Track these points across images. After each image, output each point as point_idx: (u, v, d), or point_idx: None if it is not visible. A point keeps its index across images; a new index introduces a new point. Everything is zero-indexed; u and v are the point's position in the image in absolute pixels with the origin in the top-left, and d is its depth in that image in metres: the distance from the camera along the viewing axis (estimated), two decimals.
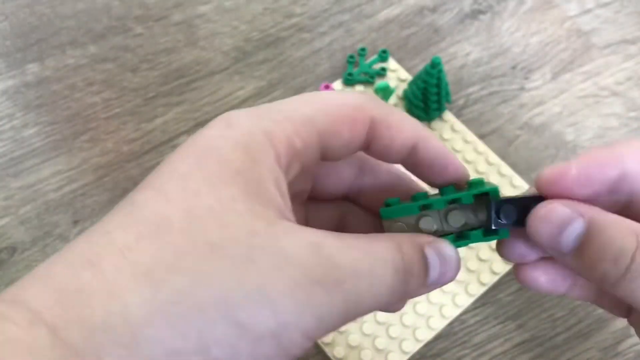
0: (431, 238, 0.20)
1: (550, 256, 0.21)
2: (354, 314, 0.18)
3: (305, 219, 0.24)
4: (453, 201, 0.21)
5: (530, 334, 0.39)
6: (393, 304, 0.22)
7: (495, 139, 0.46)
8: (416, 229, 0.21)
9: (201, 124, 0.46)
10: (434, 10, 0.52)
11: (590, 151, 0.20)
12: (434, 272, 0.20)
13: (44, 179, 0.44)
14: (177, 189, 0.17)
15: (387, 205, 0.21)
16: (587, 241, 0.19)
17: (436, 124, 0.46)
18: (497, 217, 0.20)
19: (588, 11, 0.53)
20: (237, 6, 0.52)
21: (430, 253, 0.19)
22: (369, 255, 0.18)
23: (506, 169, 0.44)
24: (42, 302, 0.16)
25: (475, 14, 0.52)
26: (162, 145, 0.45)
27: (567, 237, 0.19)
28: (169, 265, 0.16)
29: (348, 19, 0.52)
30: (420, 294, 0.20)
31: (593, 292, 0.23)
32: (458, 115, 0.47)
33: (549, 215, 0.19)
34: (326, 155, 0.21)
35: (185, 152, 0.19)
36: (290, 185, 0.20)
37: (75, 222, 0.42)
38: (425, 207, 0.21)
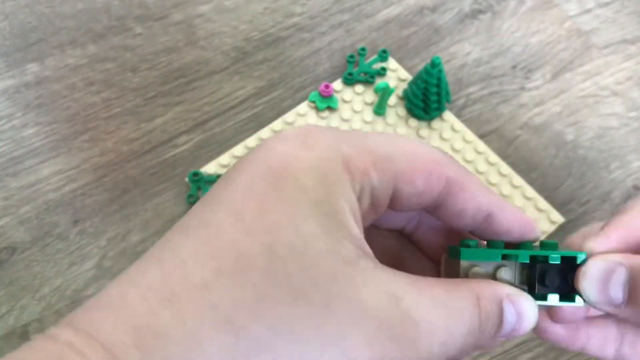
0: (512, 290, 0.19)
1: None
2: None
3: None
4: (536, 258, 0.20)
5: (530, 334, 0.39)
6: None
7: (495, 139, 0.46)
8: (492, 278, 0.20)
9: (201, 123, 0.46)
10: (434, 10, 0.52)
11: (620, 220, 0.20)
12: (507, 327, 0.19)
13: (44, 178, 0.44)
14: (256, 215, 0.16)
15: (465, 245, 0.20)
16: (634, 287, 0.19)
17: (436, 123, 0.46)
18: (542, 282, 0.19)
19: (588, 11, 0.53)
20: (237, 6, 0.52)
21: (508, 308, 0.19)
22: (447, 311, 0.18)
23: (506, 168, 0.44)
24: (118, 341, 0.15)
25: (475, 13, 0.52)
26: (162, 145, 0.45)
27: (615, 288, 0.19)
28: (250, 311, 0.15)
29: (348, 18, 0.52)
30: (483, 346, 0.19)
31: None
32: (458, 115, 0.47)
33: (591, 272, 0.19)
34: (394, 204, 0.20)
35: (258, 169, 0.17)
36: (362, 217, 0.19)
37: (75, 222, 0.42)
38: (506, 257, 0.20)
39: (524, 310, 0.19)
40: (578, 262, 0.19)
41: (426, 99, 0.44)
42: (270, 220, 0.16)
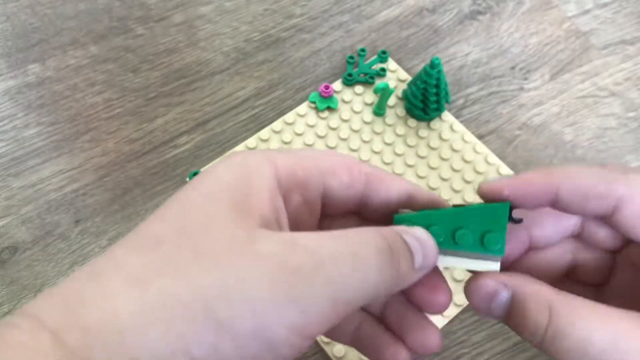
0: (405, 227, 0.21)
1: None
2: (344, 301, 0.18)
3: None
4: (459, 214, 0.21)
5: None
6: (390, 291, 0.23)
7: (494, 139, 0.46)
8: None
9: (202, 124, 0.46)
10: (433, 11, 0.53)
11: (526, 176, 0.21)
12: (417, 254, 0.20)
13: (45, 178, 0.44)
14: (174, 210, 0.20)
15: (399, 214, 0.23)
16: (511, 311, 0.20)
17: (435, 124, 0.46)
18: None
19: (587, 12, 0.53)
20: (237, 7, 0.53)
21: (409, 238, 0.20)
22: (347, 239, 0.19)
23: (505, 169, 0.44)
24: (47, 311, 0.17)
25: (474, 14, 0.52)
26: (163, 145, 0.46)
27: (497, 307, 0.21)
28: (156, 270, 0.18)
29: (348, 19, 0.52)
30: (414, 280, 0.21)
31: None
32: (457, 115, 0.47)
33: (479, 290, 0.21)
34: (329, 198, 0.23)
35: (191, 184, 0.21)
36: (294, 210, 0.21)
37: (77, 222, 0.42)
38: (433, 219, 0.22)
39: (420, 236, 0.21)
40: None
41: (425, 100, 0.45)
42: (184, 210, 0.19)
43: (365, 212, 0.25)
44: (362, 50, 0.49)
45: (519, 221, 0.21)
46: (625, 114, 0.48)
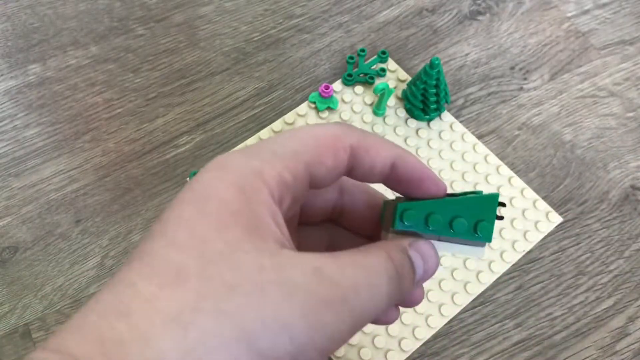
0: (411, 239, 0.22)
1: None
2: (360, 325, 0.20)
3: (298, 244, 0.26)
4: (455, 204, 0.23)
5: (529, 333, 0.39)
6: (389, 312, 0.25)
7: (494, 139, 0.46)
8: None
9: (202, 124, 0.46)
10: (433, 11, 0.53)
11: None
12: (419, 270, 0.22)
13: (46, 178, 0.44)
14: (186, 236, 0.19)
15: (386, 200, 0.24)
16: None
17: (435, 124, 0.46)
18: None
19: (586, 12, 0.53)
20: (237, 7, 0.53)
21: (413, 254, 0.22)
22: (365, 269, 0.20)
23: (505, 169, 0.45)
24: (84, 352, 0.17)
25: (474, 15, 0.53)
26: (163, 146, 0.46)
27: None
28: (192, 308, 0.17)
29: (348, 20, 0.52)
30: (410, 293, 0.22)
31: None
32: (457, 115, 0.47)
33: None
34: (314, 184, 0.23)
35: (187, 197, 0.20)
36: (284, 214, 0.22)
37: (77, 222, 0.43)
38: (433, 207, 0.23)
39: (424, 251, 0.22)
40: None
41: (425, 100, 0.45)
42: (199, 236, 0.19)
43: (347, 193, 0.26)
44: (362, 50, 0.49)
45: (501, 218, 0.23)
46: (625, 114, 0.48)
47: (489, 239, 0.23)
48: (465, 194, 0.23)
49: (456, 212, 0.23)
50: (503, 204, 0.24)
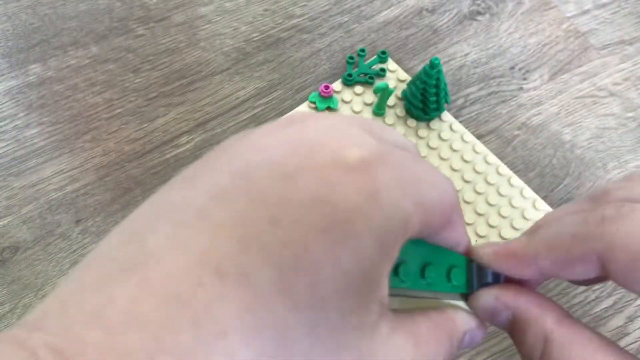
0: (471, 319, 0.21)
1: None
2: None
3: None
4: (427, 251, 0.20)
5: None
6: None
7: (494, 139, 0.46)
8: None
9: (202, 124, 0.47)
10: (432, 11, 0.53)
11: (501, 249, 0.21)
12: (464, 346, 0.21)
13: (46, 178, 0.44)
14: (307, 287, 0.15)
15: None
16: (513, 329, 0.21)
17: (435, 124, 0.46)
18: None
19: (586, 12, 0.53)
20: (237, 7, 0.53)
21: (466, 336, 0.21)
22: (436, 351, 0.19)
23: (504, 169, 0.45)
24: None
25: (473, 15, 0.53)
26: (164, 145, 0.46)
27: (499, 322, 0.21)
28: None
29: (348, 20, 0.52)
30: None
31: None
32: (457, 115, 0.47)
33: (480, 307, 0.21)
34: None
35: (322, 210, 0.15)
36: None
37: (78, 222, 0.43)
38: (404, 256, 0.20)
39: (477, 337, 0.21)
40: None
41: (425, 100, 0.45)
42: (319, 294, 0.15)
43: None
44: (362, 50, 0.49)
45: (493, 281, 0.21)
46: (624, 114, 0.48)
47: (464, 289, 0.21)
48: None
49: (427, 257, 0.20)
50: (492, 281, 0.22)
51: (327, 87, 0.46)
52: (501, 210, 0.43)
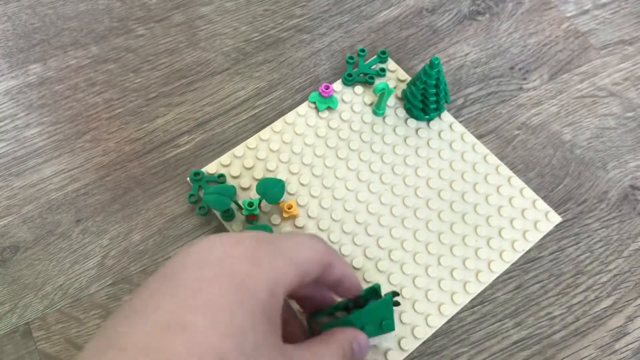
0: (356, 333, 0.30)
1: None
2: None
3: None
4: (371, 313, 0.32)
5: (528, 332, 0.39)
6: None
7: (494, 139, 0.46)
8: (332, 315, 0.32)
9: (202, 124, 0.47)
10: (432, 11, 0.53)
11: None
12: (357, 356, 0.30)
13: (47, 178, 0.44)
14: (226, 322, 0.22)
15: (315, 315, 0.33)
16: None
17: (435, 124, 0.46)
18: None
19: (585, 12, 0.53)
20: (237, 7, 0.53)
21: (355, 345, 0.30)
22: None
23: (504, 168, 0.45)
24: None
25: (473, 15, 0.53)
26: (164, 145, 0.46)
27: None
28: None
29: (347, 20, 0.52)
30: None
31: None
32: (457, 115, 0.47)
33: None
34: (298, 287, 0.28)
35: (226, 281, 0.24)
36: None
37: (78, 221, 0.43)
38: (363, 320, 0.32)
39: (363, 344, 0.30)
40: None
41: (425, 100, 0.45)
42: (238, 326, 0.22)
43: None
44: (362, 50, 0.49)
45: (398, 304, 0.34)
46: (624, 113, 0.48)
47: (393, 329, 0.33)
48: (366, 296, 0.32)
49: (363, 321, 0.31)
50: (397, 294, 0.33)
51: (327, 87, 0.46)
52: (501, 210, 0.43)
